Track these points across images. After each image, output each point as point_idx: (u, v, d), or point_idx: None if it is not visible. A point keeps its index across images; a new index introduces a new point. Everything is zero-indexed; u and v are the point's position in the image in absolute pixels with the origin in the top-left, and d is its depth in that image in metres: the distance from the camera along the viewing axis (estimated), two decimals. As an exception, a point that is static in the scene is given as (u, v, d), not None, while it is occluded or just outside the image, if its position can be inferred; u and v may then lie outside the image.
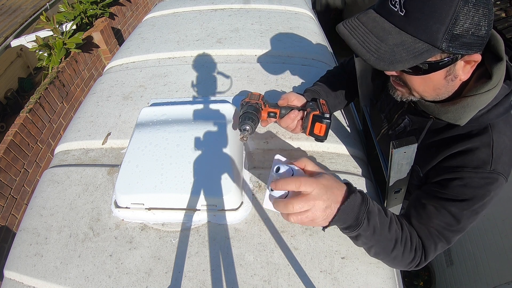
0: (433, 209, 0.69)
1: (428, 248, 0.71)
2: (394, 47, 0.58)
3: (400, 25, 0.58)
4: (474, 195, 0.66)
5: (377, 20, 0.60)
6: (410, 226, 0.72)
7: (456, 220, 0.68)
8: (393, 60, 0.58)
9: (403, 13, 0.56)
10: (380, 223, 0.65)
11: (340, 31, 0.64)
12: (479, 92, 0.64)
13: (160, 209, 0.82)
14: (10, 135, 2.47)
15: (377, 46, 0.59)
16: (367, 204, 0.64)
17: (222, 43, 1.42)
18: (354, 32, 0.62)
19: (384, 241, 0.67)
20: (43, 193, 0.93)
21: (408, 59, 0.57)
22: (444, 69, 0.62)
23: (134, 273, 0.74)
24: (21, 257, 0.80)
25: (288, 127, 0.90)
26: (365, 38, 0.60)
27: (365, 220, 0.63)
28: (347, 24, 0.64)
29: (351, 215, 0.62)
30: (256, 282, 0.72)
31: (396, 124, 0.84)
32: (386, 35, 0.58)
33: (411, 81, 0.67)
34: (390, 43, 0.58)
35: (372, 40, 0.59)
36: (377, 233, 0.65)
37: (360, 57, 0.61)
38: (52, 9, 4.80)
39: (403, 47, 0.57)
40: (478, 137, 0.67)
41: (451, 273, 2.65)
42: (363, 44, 0.60)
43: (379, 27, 0.60)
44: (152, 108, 1.00)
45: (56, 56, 3.06)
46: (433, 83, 0.65)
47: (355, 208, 0.62)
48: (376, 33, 0.59)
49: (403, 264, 0.72)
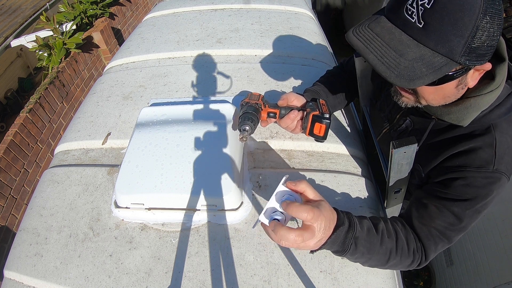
0: (435, 209, 0.69)
1: (428, 249, 0.71)
2: (413, 62, 0.55)
3: (418, 38, 0.55)
4: (476, 194, 0.66)
5: (393, 32, 0.57)
6: (406, 230, 0.72)
7: (458, 220, 0.68)
8: (413, 76, 0.55)
9: (422, 25, 0.54)
10: (370, 242, 0.66)
11: (354, 43, 0.60)
12: (482, 93, 0.64)
13: (160, 209, 0.82)
14: (10, 135, 2.47)
15: (397, 62, 0.55)
16: (354, 231, 0.64)
17: (222, 43, 1.42)
18: (370, 45, 0.58)
19: (377, 256, 0.68)
20: (43, 193, 0.93)
21: (428, 74, 0.55)
22: (457, 80, 0.61)
23: (134, 273, 0.74)
24: (21, 257, 0.80)
25: (288, 127, 0.90)
26: (383, 52, 0.57)
27: (352, 245, 0.64)
28: (360, 35, 0.60)
29: (337, 243, 0.63)
30: (256, 282, 0.72)
31: (398, 125, 0.84)
32: (405, 48, 0.55)
33: (422, 91, 0.65)
34: (409, 57, 0.55)
35: (390, 55, 0.56)
36: (367, 253, 0.66)
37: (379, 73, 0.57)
38: (52, 9, 4.79)
39: (422, 61, 0.55)
40: (481, 137, 0.66)
41: (451, 273, 2.65)
42: (382, 59, 0.56)
43: (396, 39, 0.56)
44: (152, 108, 1.00)
45: (56, 56, 3.06)
46: (444, 92, 0.64)
47: (341, 237, 0.63)
48: (394, 46, 0.56)
49: (402, 267, 0.73)
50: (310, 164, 0.93)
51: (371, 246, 0.66)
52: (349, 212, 0.68)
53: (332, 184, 0.87)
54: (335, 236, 0.62)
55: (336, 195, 0.86)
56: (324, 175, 0.90)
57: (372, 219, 0.71)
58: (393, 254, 0.68)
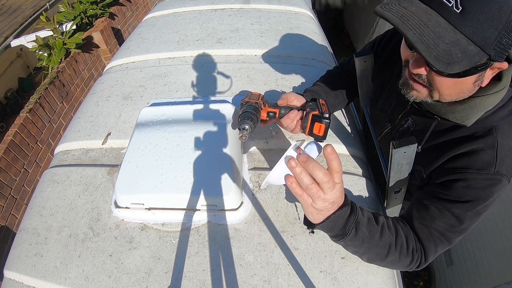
0: (435, 211, 0.69)
1: (428, 250, 0.71)
2: (451, 46, 0.53)
3: (455, 23, 0.53)
4: (477, 196, 0.66)
5: (429, 13, 0.54)
6: (407, 229, 0.72)
7: (459, 221, 0.68)
8: (450, 60, 0.53)
9: (459, 10, 0.52)
10: (370, 231, 0.66)
11: (389, 18, 0.56)
12: (488, 93, 0.63)
13: (160, 209, 0.82)
14: (10, 135, 2.47)
15: (435, 42, 0.53)
16: (356, 216, 0.64)
17: (222, 43, 1.42)
18: (408, 22, 0.55)
19: (376, 248, 0.67)
20: (43, 193, 0.93)
21: (464, 60, 0.53)
22: (478, 74, 0.59)
23: (134, 273, 0.74)
24: (21, 257, 0.80)
25: (288, 127, 0.90)
26: (422, 31, 0.54)
27: (353, 230, 0.63)
28: (393, 10, 0.56)
29: (338, 224, 0.62)
30: (256, 282, 0.72)
31: (400, 125, 0.84)
32: (443, 31, 0.53)
33: (441, 83, 0.62)
34: (447, 41, 0.53)
35: (429, 35, 0.53)
36: (367, 242, 0.66)
37: (418, 51, 0.55)
38: (52, 9, 4.79)
39: (459, 47, 0.53)
40: (483, 138, 0.66)
41: (451, 273, 2.65)
42: (421, 37, 0.53)
43: (434, 21, 0.54)
44: (152, 108, 1.00)
45: (56, 56, 3.06)
46: (461, 87, 0.63)
47: (343, 219, 0.63)
48: (432, 27, 0.53)
49: (401, 267, 0.72)
50: (310, 164, 0.93)
51: (370, 235, 0.66)
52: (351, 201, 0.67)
53: (332, 184, 0.87)
54: (338, 214, 0.61)
55: (336, 195, 0.85)
56: (324, 175, 0.89)
57: (373, 213, 0.71)
58: (392, 249, 0.68)
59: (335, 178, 0.57)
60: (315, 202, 0.58)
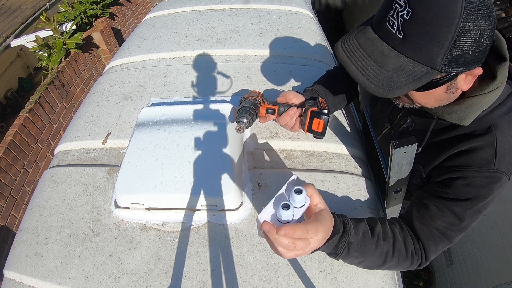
0: (435, 209, 0.69)
1: (428, 249, 0.71)
2: (393, 73, 0.57)
3: (398, 48, 0.56)
4: (477, 194, 0.66)
5: (375, 43, 0.59)
6: (404, 232, 0.72)
7: (459, 220, 0.68)
8: (392, 86, 0.57)
9: (401, 35, 0.55)
10: (364, 246, 0.67)
11: (339, 56, 0.63)
12: (483, 92, 0.64)
13: (160, 209, 0.82)
14: (10, 135, 2.47)
15: (376, 73, 0.58)
16: (348, 236, 0.65)
17: (222, 43, 1.42)
18: (353, 57, 0.60)
19: (372, 258, 0.68)
20: (43, 193, 0.93)
21: (407, 84, 0.56)
22: (445, 85, 0.61)
23: (134, 273, 0.74)
24: (21, 257, 0.80)
25: (287, 125, 0.90)
26: (364, 64, 0.59)
27: (345, 250, 0.65)
28: (346, 46, 0.62)
29: (330, 247, 0.64)
30: (256, 282, 0.72)
31: (399, 125, 0.84)
32: (385, 59, 0.57)
33: (413, 95, 0.66)
34: (389, 68, 0.57)
35: (371, 66, 0.58)
36: (360, 257, 0.67)
37: (359, 84, 0.60)
38: (52, 9, 4.80)
39: (402, 71, 0.56)
40: (482, 136, 0.67)
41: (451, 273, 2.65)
42: (362, 71, 0.59)
43: (378, 51, 0.58)
44: (152, 108, 1.00)
45: (56, 56, 3.06)
46: (434, 96, 0.65)
47: (335, 242, 0.64)
48: (374, 58, 0.58)
49: (401, 269, 0.73)
50: (310, 164, 0.93)
51: (365, 250, 0.67)
52: (345, 217, 0.68)
53: (332, 184, 0.87)
54: (328, 243, 0.63)
55: (336, 195, 0.85)
56: (324, 175, 0.90)
57: (370, 222, 0.71)
58: (389, 257, 0.69)
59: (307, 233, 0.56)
60: (300, 252, 0.58)
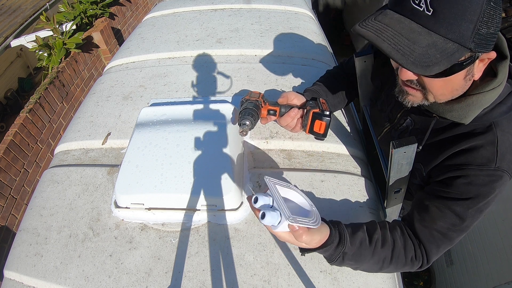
0: (436, 210, 0.69)
1: (430, 252, 0.71)
2: (427, 49, 0.54)
3: (428, 26, 0.54)
4: (478, 193, 0.66)
5: (402, 21, 0.56)
6: (404, 237, 0.72)
7: (460, 220, 0.68)
8: (428, 62, 0.55)
9: (431, 12, 0.53)
10: (360, 255, 0.68)
11: (364, 34, 0.59)
12: (484, 90, 0.63)
13: (160, 209, 0.82)
14: (10, 135, 2.46)
15: (411, 49, 0.55)
16: (343, 247, 0.67)
17: (222, 43, 1.42)
18: (382, 34, 0.57)
19: (367, 265, 0.70)
20: (43, 193, 0.93)
21: (442, 60, 0.54)
22: (465, 69, 0.60)
23: (134, 273, 0.74)
24: (21, 257, 0.80)
25: (288, 126, 0.90)
26: (396, 40, 0.56)
27: (339, 258, 0.67)
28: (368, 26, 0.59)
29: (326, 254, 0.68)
30: (256, 282, 0.72)
31: (399, 124, 0.84)
32: (417, 36, 0.55)
33: (431, 85, 0.63)
34: (423, 44, 0.55)
35: (404, 42, 0.55)
36: (354, 264, 0.69)
37: (395, 61, 0.57)
38: (52, 9, 4.79)
39: (436, 48, 0.54)
40: (482, 135, 0.66)
41: (451, 273, 2.65)
42: (396, 46, 0.56)
43: (407, 28, 0.56)
44: (152, 108, 1.00)
45: (56, 56, 3.06)
46: (452, 85, 0.63)
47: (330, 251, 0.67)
48: (406, 34, 0.55)
49: (401, 271, 0.74)
50: (310, 164, 0.93)
51: (360, 259, 0.68)
52: (341, 226, 0.69)
53: (332, 184, 0.87)
54: (323, 250, 0.66)
55: (336, 195, 0.85)
56: (324, 175, 0.90)
57: (369, 228, 0.71)
58: (386, 263, 0.69)
59: None
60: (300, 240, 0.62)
